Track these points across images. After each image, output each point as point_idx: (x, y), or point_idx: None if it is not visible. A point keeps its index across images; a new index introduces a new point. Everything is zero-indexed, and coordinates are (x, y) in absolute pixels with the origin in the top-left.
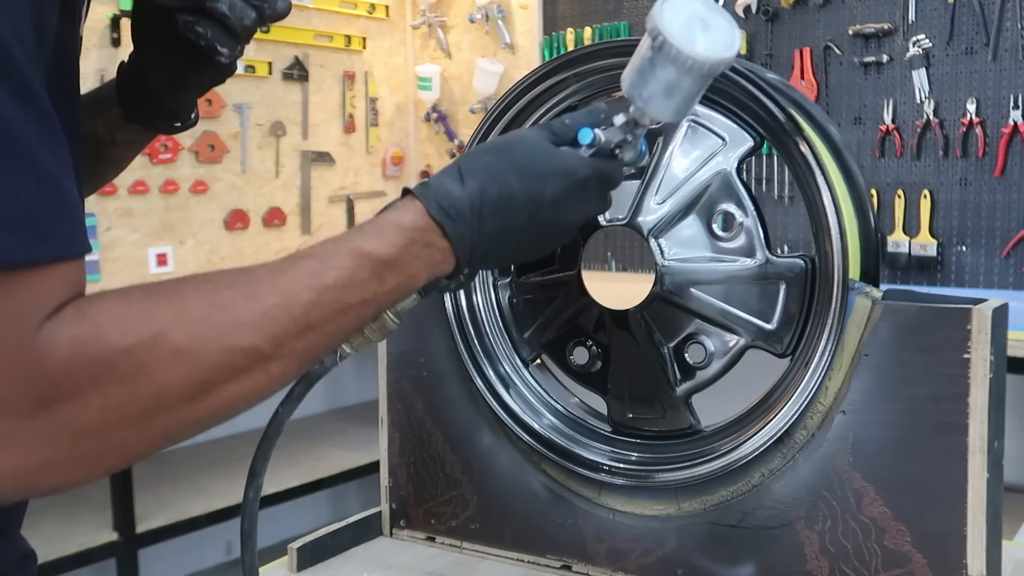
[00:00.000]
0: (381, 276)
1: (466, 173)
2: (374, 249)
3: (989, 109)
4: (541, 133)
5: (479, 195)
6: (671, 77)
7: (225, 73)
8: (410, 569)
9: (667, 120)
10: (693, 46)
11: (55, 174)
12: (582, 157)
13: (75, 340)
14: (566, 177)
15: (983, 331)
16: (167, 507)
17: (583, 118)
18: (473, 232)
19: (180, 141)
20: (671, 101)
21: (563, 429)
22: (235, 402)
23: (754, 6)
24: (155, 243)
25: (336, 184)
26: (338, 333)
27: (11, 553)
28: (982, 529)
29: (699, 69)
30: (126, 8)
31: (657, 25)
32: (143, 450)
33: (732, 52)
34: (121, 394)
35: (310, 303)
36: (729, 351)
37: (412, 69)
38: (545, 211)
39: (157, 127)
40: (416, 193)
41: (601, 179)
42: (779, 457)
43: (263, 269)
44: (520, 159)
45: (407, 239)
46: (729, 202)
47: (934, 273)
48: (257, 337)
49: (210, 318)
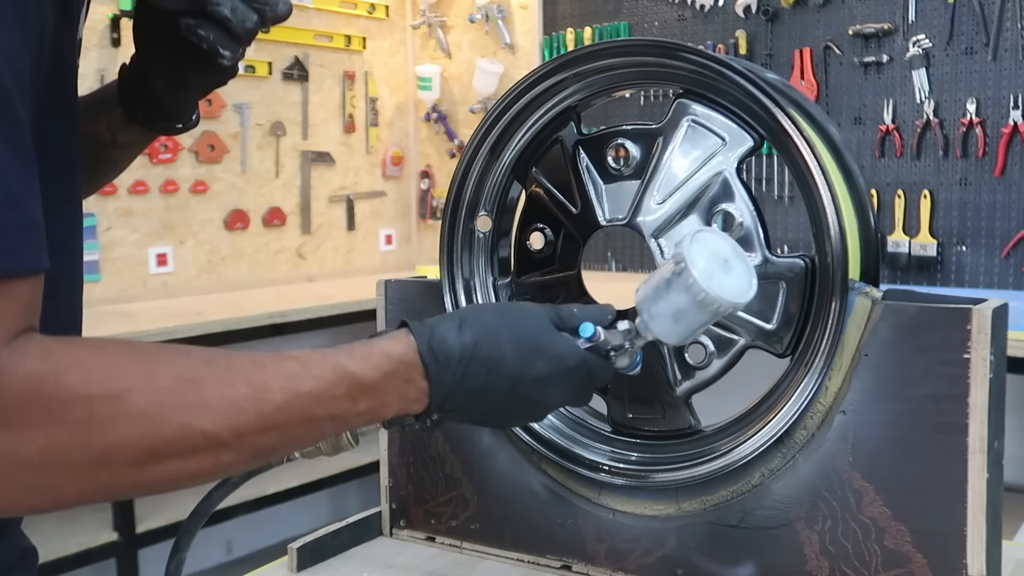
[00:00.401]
0: (355, 397)
1: (465, 324)
2: (356, 370)
3: (989, 109)
4: (547, 312)
5: (470, 348)
6: (682, 304)
7: (227, 75)
8: (410, 569)
9: (667, 342)
10: (710, 281)
11: (20, 192)
12: (577, 347)
13: (33, 375)
14: (557, 360)
15: (983, 331)
16: (167, 507)
17: (591, 313)
18: (454, 382)
19: (180, 141)
20: (676, 326)
21: (563, 429)
22: (178, 479)
23: (754, 6)
24: (155, 243)
25: (336, 184)
26: (297, 440)
27: (11, 550)
28: (982, 529)
29: (709, 305)
30: (126, 8)
31: (683, 252)
32: (73, 499)
33: (744, 300)
34: (68, 440)
35: (280, 404)
36: (729, 351)
37: (412, 69)
38: (527, 386)
39: (159, 128)
40: (412, 328)
41: (589, 374)
42: (779, 457)
43: (244, 357)
44: (519, 329)
45: (390, 369)
46: (729, 202)
47: (934, 273)
48: (220, 423)
49: (179, 391)
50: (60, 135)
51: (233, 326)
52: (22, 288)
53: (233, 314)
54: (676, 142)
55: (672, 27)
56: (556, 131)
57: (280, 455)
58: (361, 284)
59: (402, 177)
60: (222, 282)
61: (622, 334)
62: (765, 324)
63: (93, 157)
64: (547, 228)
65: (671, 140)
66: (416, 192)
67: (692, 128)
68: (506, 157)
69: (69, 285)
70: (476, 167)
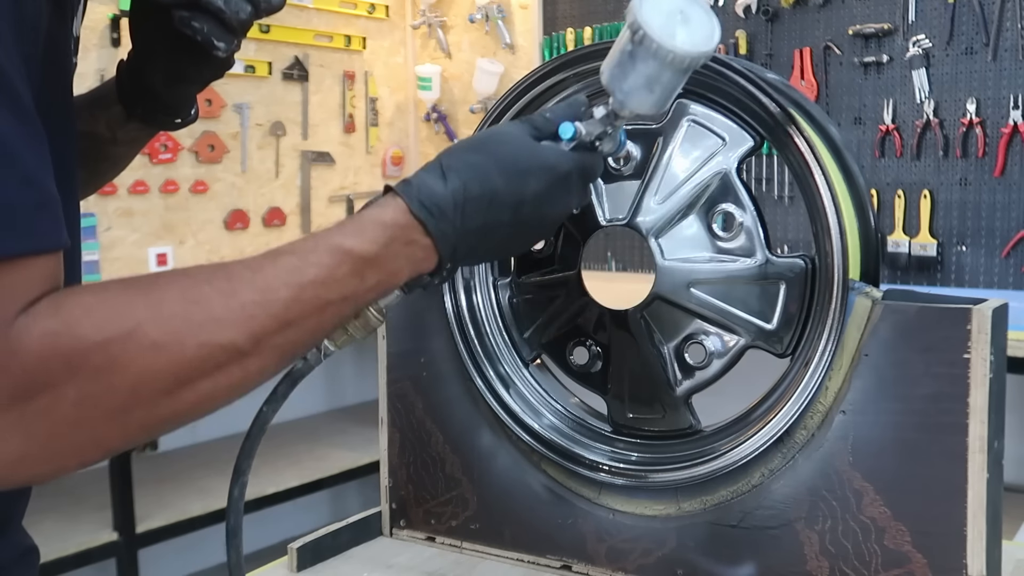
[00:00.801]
0: (362, 273)
1: (448, 170)
2: (355, 246)
3: (989, 109)
4: (522, 128)
5: (461, 192)
6: (651, 71)
7: (223, 67)
8: (410, 569)
9: (646, 113)
10: (673, 40)
11: (32, 168)
12: (564, 152)
13: (48, 333)
14: (548, 173)
15: (983, 331)
16: (167, 507)
17: (564, 111)
18: (456, 229)
19: (180, 141)
20: (651, 95)
21: (563, 429)
22: (212, 397)
23: (754, 6)
24: (155, 243)
25: (336, 184)
26: (318, 330)
27: (11, 548)
28: (982, 529)
29: (679, 63)
30: (126, 8)
31: (637, 19)
32: (118, 444)
33: (711, 46)
34: (96, 387)
35: (289, 299)
36: (729, 351)
37: (412, 69)
38: (528, 207)
39: (158, 124)
40: (398, 191)
41: (582, 172)
42: (779, 457)
43: (242, 265)
44: (502, 155)
45: (388, 236)
46: (729, 202)
47: (934, 273)
48: (235, 333)
49: (187, 313)
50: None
51: None
52: (44, 264)
53: None
54: (676, 142)
55: None
56: None
57: (306, 348)
58: None
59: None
60: None
61: (601, 121)
62: (765, 324)
63: (93, 155)
64: None
65: (671, 140)
66: None
67: (692, 128)
68: None
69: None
70: None
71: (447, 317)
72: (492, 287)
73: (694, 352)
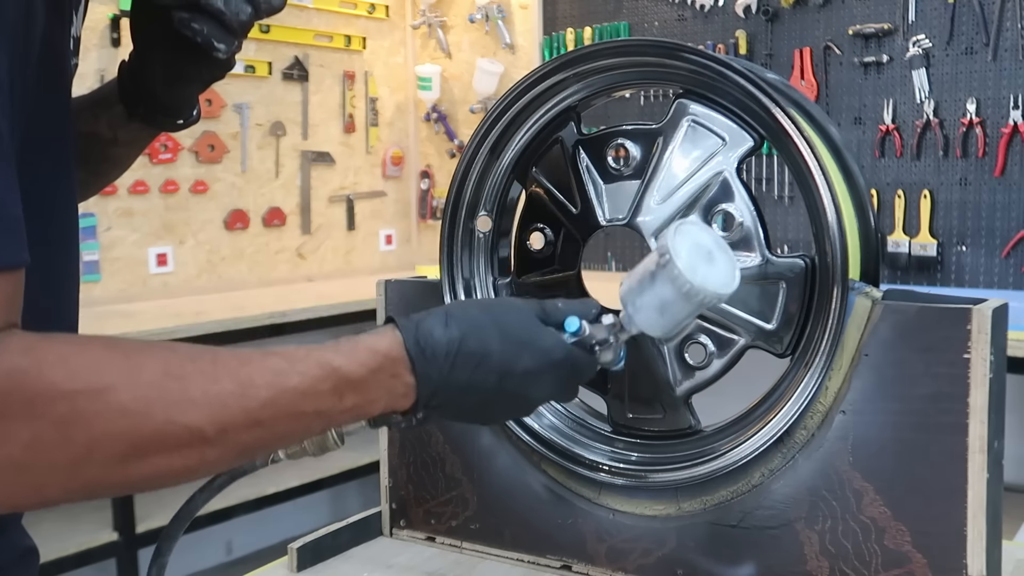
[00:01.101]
0: (342, 393)
1: (451, 319)
2: (343, 365)
3: (989, 109)
4: (532, 306)
5: (457, 343)
6: (667, 295)
7: (223, 68)
8: (410, 569)
9: (651, 333)
10: (694, 273)
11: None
12: (563, 342)
13: (16, 371)
14: (543, 355)
15: (983, 331)
16: (167, 507)
17: (576, 308)
18: (441, 377)
19: (180, 141)
20: (661, 318)
21: (563, 429)
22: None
23: (754, 6)
24: (155, 243)
25: (336, 184)
26: (283, 437)
27: (10, 549)
28: (982, 529)
29: (693, 296)
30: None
31: (667, 244)
32: (57, 497)
33: (728, 290)
34: (52, 436)
35: (266, 400)
36: (729, 351)
37: (412, 69)
38: (513, 380)
39: (159, 124)
40: (399, 324)
41: (574, 368)
42: (779, 457)
43: (230, 354)
44: (505, 323)
45: (377, 365)
46: (729, 202)
47: (934, 273)
48: (204, 418)
49: (163, 386)
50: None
51: (233, 326)
52: (0, 284)
53: (233, 314)
54: (676, 142)
55: (672, 27)
56: (556, 131)
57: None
58: (361, 284)
59: (402, 177)
60: (222, 282)
61: (607, 328)
62: (765, 324)
63: (95, 156)
64: (547, 228)
65: (671, 140)
66: (416, 192)
67: (692, 128)
68: (506, 157)
69: (65, 282)
70: (476, 167)
71: None
72: (492, 287)
73: (694, 352)
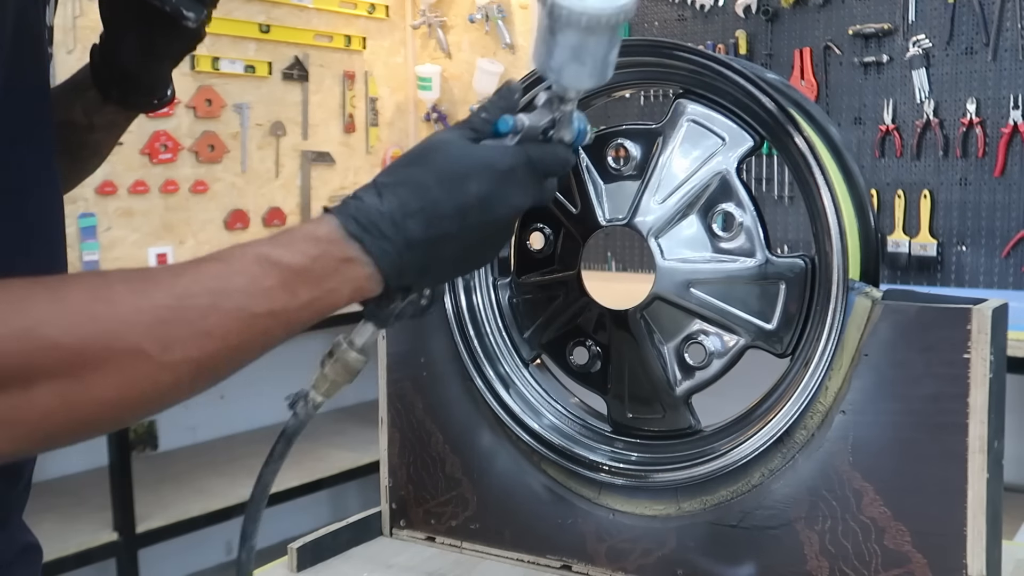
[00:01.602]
0: (291, 287)
1: (383, 188)
2: (282, 257)
3: (989, 109)
4: (459, 132)
5: (400, 209)
6: (573, 41)
7: (194, 39)
8: (410, 569)
9: (587, 86)
10: (583, 2)
11: None
12: (505, 148)
13: None
14: (489, 172)
15: (983, 331)
16: (167, 507)
17: (497, 105)
18: (397, 247)
19: (180, 141)
20: (583, 66)
21: (563, 429)
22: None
23: (754, 6)
24: (155, 243)
25: (336, 184)
26: (242, 348)
27: (10, 544)
28: (982, 529)
29: (595, 23)
30: None
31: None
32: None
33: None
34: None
35: (207, 308)
36: (729, 351)
37: (412, 69)
38: (474, 213)
39: (134, 105)
40: (332, 209)
41: (530, 166)
42: (779, 457)
43: (164, 270)
44: (438, 164)
45: (320, 251)
46: (729, 202)
47: (934, 273)
48: (141, 336)
49: (92, 312)
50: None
51: None
52: None
53: None
54: (676, 142)
55: (672, 27)
56: None
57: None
58: None
59: None
60: None
61: (544, 108)
62: (765, 324)
63: (73, 143)
64: (547, 228)
65: (671, 140)
66: None
67: (692, 128)
68: None
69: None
70: None
71: (447, 317)
72: (492, 287)
73: (694, 352)
